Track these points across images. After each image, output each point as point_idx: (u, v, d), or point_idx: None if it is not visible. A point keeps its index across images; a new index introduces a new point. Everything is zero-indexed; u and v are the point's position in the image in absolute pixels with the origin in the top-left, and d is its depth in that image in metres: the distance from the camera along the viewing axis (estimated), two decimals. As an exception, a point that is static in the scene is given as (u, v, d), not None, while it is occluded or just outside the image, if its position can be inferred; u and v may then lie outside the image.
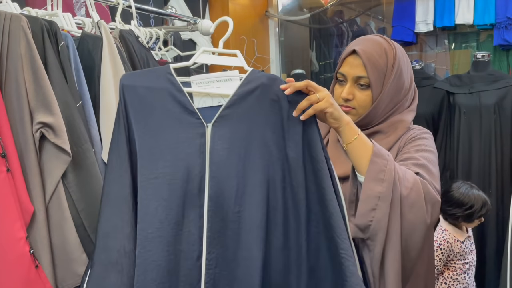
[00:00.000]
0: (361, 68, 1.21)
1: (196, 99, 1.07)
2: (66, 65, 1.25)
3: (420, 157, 1.17)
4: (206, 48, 1.10)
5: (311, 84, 1.03)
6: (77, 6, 2.48)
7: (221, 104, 1.06)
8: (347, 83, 1.23)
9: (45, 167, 1.15)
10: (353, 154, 1.08)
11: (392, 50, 1.25)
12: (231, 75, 1.06)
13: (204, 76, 1.07)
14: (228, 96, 1.05)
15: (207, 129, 1.04)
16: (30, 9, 1.61)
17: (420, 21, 3.15)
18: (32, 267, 1.08)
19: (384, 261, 1.08)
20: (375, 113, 1.24)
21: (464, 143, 2.60)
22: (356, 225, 1.07)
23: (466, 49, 3.38)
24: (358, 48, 1.21)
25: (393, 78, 1.23)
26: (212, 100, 1.07)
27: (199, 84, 1.07)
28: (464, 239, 2.09)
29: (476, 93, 2.60)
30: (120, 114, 1.06)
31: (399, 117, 1.26)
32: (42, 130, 1.14)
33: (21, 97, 1.15)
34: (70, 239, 1.14)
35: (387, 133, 1.25)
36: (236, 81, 1.06)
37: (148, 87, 1.06)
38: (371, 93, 1.22)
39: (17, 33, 1.16)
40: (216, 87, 1.07)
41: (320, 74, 4.02)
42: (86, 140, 1.21)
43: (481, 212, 2.03)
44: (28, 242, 1.09)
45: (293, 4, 4.07)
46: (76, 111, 1.21)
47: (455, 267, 2.08)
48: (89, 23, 1.68)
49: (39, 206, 1.13)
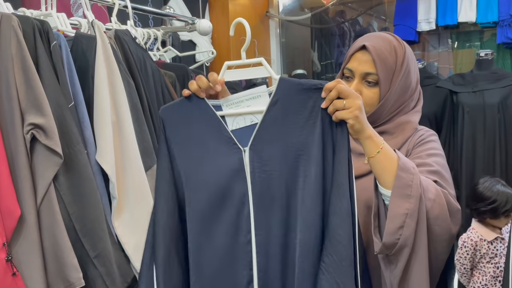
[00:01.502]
0: (370, 64, 1.17)
1: (229, 120, 1.05)
2: (58, 65, 1.22)
3: (433, 163, 1.14)
4: (229, 62, 1.05)
5: (341, 89, 0.97)
6: (74, 7, 2.47)
7: (254, 123, 1.03)
8: (355, 79, 1.20)
9: (36, 169, 1.13)
10: (376, 167, 1.03)
11: (402, 48, 1.22)
12: (259, 92, 1.02)
13: (233, 96, 1.05)
14: (259, 113, 1.01)
15: (244, 154, 1.02)
16: (25, 9, 1.59)
17: (422, 20, 3.11)
18: (8, 275, 1.05)
19: (409, 276, 1.04)
20: (380, 112, 1.20)
21: (468, 142, 2.56)
22: (384, 244, 1.03)
23: (470, 48, 3.35)
24: (368, 44, 1.17)
25: (402, 76, 1.20)
26: (245, 120, 1.04)
27: (229, 105, 1.05)
28: (493, 239, 1.98)
29: (480, 92, 2.56)
30: (163, 147, 1.07)
31: (406, 118, 1.23)
32: (33, 131, 1.12)
33: (11, 98, 1.13)
34: (61, 243, 1.11)
35: (393, 134, 1.22)
36: (265, 97, 1.02)
37: (185, 117, 1.06)
38: (378, 91, 1.19)
39: (7, 33, 1.14)
40: (246, 106, 1.04)
41: (322, 74, 3.99)
42: (78, 141, 1.18)
43: (506, 208, 1.94)
44: (5, 249, 1.06)
45: (294, 4, 4.04)
46: (68, 111, 1.19)
47: (484, 271, 1.98)
48: (85, 24, 1.66)
49: (30, 210, 1.10)
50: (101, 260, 1.22)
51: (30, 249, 1.09)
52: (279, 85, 1.00)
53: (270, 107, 1.00)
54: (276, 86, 1.00)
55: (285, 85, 1.00)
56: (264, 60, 1.03)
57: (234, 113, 1.04)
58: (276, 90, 1.00)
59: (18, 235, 1.10)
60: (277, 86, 1.00)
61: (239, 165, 1.02)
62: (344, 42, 3.99)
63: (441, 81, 2.71)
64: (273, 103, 1.00)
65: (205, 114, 1.05)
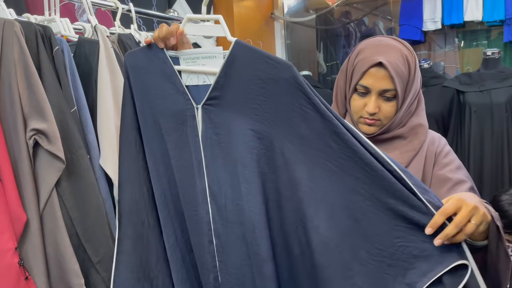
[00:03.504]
0: (388, 81, 1.15)
1: (184, 75, 1.06)
2: (61, 70, 1.22)
3: (466, 179, 1.15)
4: (189, 15, 1.07)
5: (456, 205, 0.87)
6: (79, 12, 2.48)
7: (206, 83, 1.03)
8: (371, 95, 1.18)
9: (39, 174, 1.13)
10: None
11: (412, 55, 1.21)
12: (215, 52, 1.01)
13: (190, 51, 1.05)
14: (212, 74, 1.01)
15: (197, 112, 1.03)
16: (29, 15, 1.60)
17: (427, 19, 3.09)
18: (22, 279, 1.06)
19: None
20: (397, 121, 1.21)
21: (476, 142, 2.54)
22: None
23: (476, 47, 3.32)
24: (384, 60, 1.14)
25: (414, 84, 1.20)
26: (198, 78, 1.05)
27: (186, 60, 1.05)
28: None
29: (487, 91, 2.54)
30: (127, 93, 1.10)
31: (417, 120, 1.23)
32: (36, 137, 1.12)
33: (14, 103, 1.13)
34: (63, 249, 1.11)
35: (408, 138, 1.21)
36: (220, 59, 1.00)
37: (145, 65, 1.08)
38: (395, 103, 1.18)
39: (10, 39, 1.15)
40: (201, 64, 1.04)
41: (327, 76, 3.97)
42: (81, 146, 1.18)
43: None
44: (17, 253, 1.07)
45: (299, 6, 4.03)
46: (70, 116, 1.19)
47: None
48: (89, 29, 1.66)
49: (33, 215, 1.10)
50: (104, 265, 1.21)
51: (35, 255, 1.10)
52: (233, 49, 0.98)
53: (223, 70, 0.99)
54: (230, 50, 0.98)
55: (240, 51, 0.98)
56: (222, 18, 1.02)
57: (188, 70, 1.05)
58: (229, 54, 0.98)
59: (23, 240, 1.11)
60: (231, 50, 0.98)
61: (193, 122, 1.04)
62: (349, 42, 3.97)
63: (447, 81, 2.68)
64: (226, 67, 0.99)
65: (162, 65, 1.06)
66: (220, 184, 1.02)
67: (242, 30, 3.30)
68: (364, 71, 1.17)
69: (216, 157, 1.02)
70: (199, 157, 1.04)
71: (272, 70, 0.95)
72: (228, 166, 1.01)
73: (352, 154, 0.91)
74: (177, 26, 1.04)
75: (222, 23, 1.00)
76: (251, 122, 0.98)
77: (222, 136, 1.01)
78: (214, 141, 1.02)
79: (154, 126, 1.09)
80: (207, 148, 1.03)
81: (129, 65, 1.10)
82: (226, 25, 1.00)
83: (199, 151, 1.04)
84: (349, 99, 1.24)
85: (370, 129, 1.20)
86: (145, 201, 1.11)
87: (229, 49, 0.98)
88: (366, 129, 1.20)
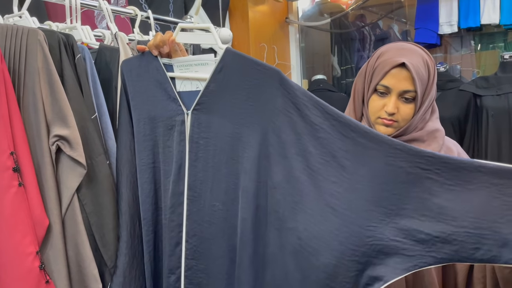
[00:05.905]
0: (409, 82, 1.17)
1: (178, 82, 1.10)
2: (82, 77, 1.25)
3: None
4: (182, 24, 1.12)
5: None
6: (98, 19, 2.52)
7: (198, 89, 1.07)
8: (391, 96, 1.20)
9: (61, 180, 1.15)
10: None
11: (432, 62, 1.23)
12: (207, 60, 1.05)
13: (184, 59, 1.09)
14: (204, 80, 1.05)
15: (187, 117, 1.07)
16: (51, 23, 1.64)
17: (443, 23, 3.07)
18: (42, 283, 1.08)
19: None
20: (413, 125, 1.22)
21: (493, 147, 2.51)
22: None
23: (494, 50, 3.28)
24: (406, 61, 1.16)
25: (432, 90, 1.22)
26: (191, 84, 1.09)
27: (179, 67, 1.10)
28: None
29: (505, 95, 2.51)
30: (123, 99, 1.18)
31: (433, 125, 1.25)
32: (58, 143, 1.14)
33: (38, 110, 1.16)
34: (83, 253, 1.14)
35: (426, 141, 1.22)
36: (212, 65, 1.04)
37: (140, 72, 1.14)
38: (414, 106, 1.20)
39: (34, 47, 1.17)
40: (194, 71, 1.08)
41: (342, 79, 3.97)
42: (101, 152, 1.20)
43: None
44: (38, 257, 1.09)
45: (313, 10, 4.04)
46: (90, 123, 1.21)
47: None
48: (109, 35, 1.70)
49: (55, 219, 1.12)
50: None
51: (56, 259, 1.12)
52: (224, 56, 1.01)
53: (213, 76, 1.03)
54: (221, 57, 1.02)
55: (230, 58, 1.01)
56: (212, 27, 1.06)
57: (182, 76, 1.09)
58: (220, 61, 1.02)
59: (45, 244, 1.13)
60: (221, 57, 1.02)
61: (181, 126, 1.08)
62: (364, 46, 3.96)
63: (464, 84, 2.66)
64: (216, 73, 1.03)
65: (155, 72, 1.12)
66: (202, 186, 1.06)
67: (257, 35, 3.32)
68: (386, 71, 1.19)
69: (200, 160, 1.06)
70: (183, 160, 1.08)
71: (260, 76, 0.99)
72: (212, 169, 1.05)
73: (330, 158, 0.94)
74: (170, 34, 1.09)
75: (213, 32, 1.06)
76: (238, 126, 1.02)
77: (209, 140, 1.05)
78: (200, 145, 1.06)
79: (145, 132, 1.14)
80: (192, 152, 1.07)
81: (125, 71, 1.16)
82: (216, 33, 1.06)
83: (184, 155, 1.08)
84: (367, 101, 1.25)
85: (387, 130, 1.21)
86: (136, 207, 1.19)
87: (219, 57, 1.02)
88: (384, 130, 1.22)
